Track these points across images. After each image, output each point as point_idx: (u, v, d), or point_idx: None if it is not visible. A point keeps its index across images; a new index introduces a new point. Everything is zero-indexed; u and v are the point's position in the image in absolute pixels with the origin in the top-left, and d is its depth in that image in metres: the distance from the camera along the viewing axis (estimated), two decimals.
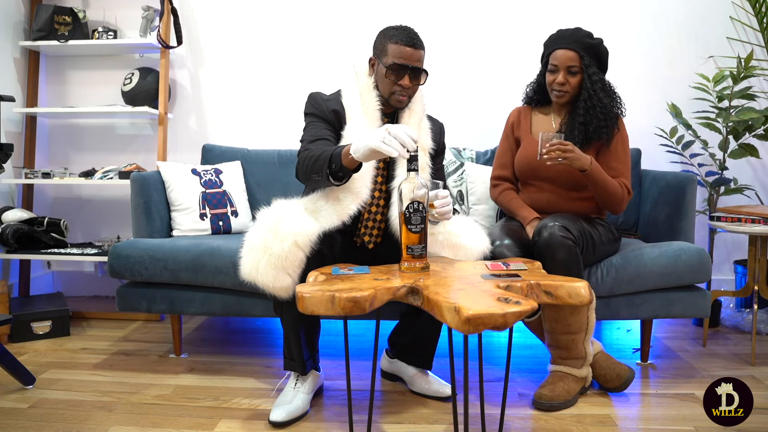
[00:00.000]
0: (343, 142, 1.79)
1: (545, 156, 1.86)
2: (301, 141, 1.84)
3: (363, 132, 1.74)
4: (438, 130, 1.98)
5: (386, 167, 1.88)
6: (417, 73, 1.80)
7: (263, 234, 1.66)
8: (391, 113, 1.90)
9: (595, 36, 2.04)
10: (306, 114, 1.88)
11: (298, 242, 1.63)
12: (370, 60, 1.87)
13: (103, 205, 3.14)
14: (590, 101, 1.99)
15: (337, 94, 1.89)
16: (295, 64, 3.00)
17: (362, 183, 1.76)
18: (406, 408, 1.87)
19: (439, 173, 1.98)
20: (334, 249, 1.73)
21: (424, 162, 1.87)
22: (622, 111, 2.07)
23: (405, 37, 1.78)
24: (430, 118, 1.97)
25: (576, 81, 2.00)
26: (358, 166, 1.64)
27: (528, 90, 2.20)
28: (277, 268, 1.62)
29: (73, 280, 3.17)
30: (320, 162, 1.65)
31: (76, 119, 3.12)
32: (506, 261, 1.63)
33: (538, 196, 2.09)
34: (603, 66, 2.06)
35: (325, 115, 1.84)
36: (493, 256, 1.87)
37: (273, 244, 1.63)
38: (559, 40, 2.02)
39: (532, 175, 2.10)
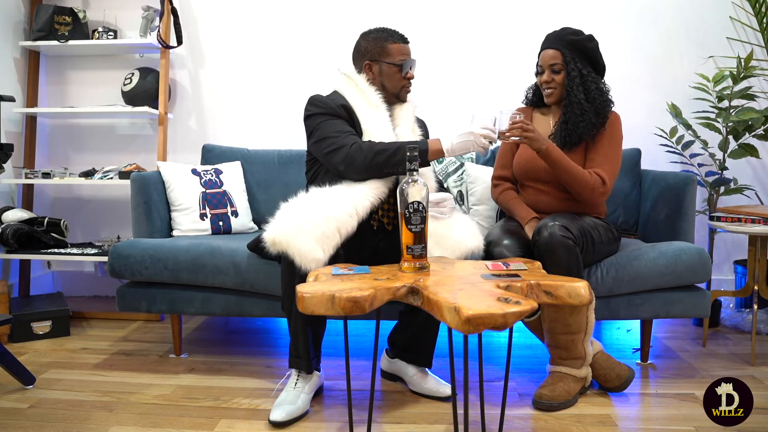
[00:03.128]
0: (365, 136, 1.88)
1: (508, 133, 1.85)
2: (323, 138, 1.84)
3: (379, 124, 1.88)
4: (422, 126, 2.10)
5: None
6: (413, 64, 1.99)
7: (307, 210, 1.71)
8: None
9: (586, 33, 2.04)
10: (312, 115, 1.90)
11: (339, 229, 1.70)
12: (367, 64, 1.95)
13: (103, 205, 3.14)
14: (568, 99, 2.01)
15: (336, 94, 1.95)
16: (295, 64, 3.00)
17: None
18: (406, 408, 1.87)
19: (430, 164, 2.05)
20: (346, 249, 1.77)
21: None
22: (607, 108, 2.03)
23: (398, 36, 1.96)
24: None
25: (560, 78, 2.03)
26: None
27: (528, 93, 2.24)
28: (317, 241, 1.66)
29: (73, 280, 3.17)
30: (400, 156, 1.77)
31: (76, 119, 3.12)
32: (506, 261, 1.63)
33: (537, 197, 2.09)
34: (594, 61, 2.05)
35: (334, 111, 1.89)
36: (492, 256, 1.87)
37: (318, 221, 1.68)
38: (545, 42, 2.07)
39: (530, 177, 2.10)
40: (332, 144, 1.82)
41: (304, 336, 1.79)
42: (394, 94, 1.96)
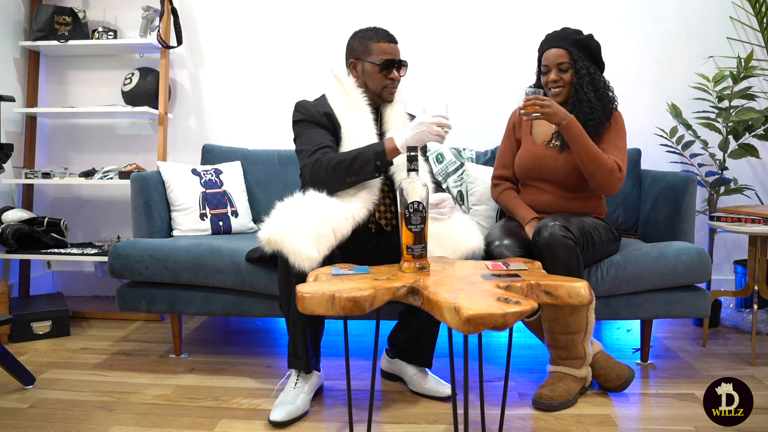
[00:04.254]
0: (345, 141, 1.88)
1: (522, 111, 1.86)
2: (300, 150, 1.90)
3: (361, 128, 1.88)
4: None
5: None
6: (402, 65, 1.93)
7: (303, 210, 1.71)
8: (375, 108, 1.98)
9: (586, 33, 2.06)
10: (297, 122, 1.95)
11: (335, 230, 1.70)
12: (351, 63, 1.96)
13: (103, 205, 3.14)
14: (576, 96, 2.01)
15: (323, 99, 1.97)
16: (295, 64, 3.00)
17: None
18: (406, 408, 1.87)
19: (426, 164, 2.06)
20: (341, 246, 1.78)
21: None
22: (612, 105, 2.06)
23: (385, 35, 1.94)
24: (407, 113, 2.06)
25: (568, 77, 2.03)
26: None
27: (528, 93, 2.22)
28: (312, 240, 1.66)
29: (73, 280, 3.17)
30: (358, 164, 1.77)
31: (76, 119, 3.12)
32: (506, 261, 1.63)
33: (538, 196, 2.09)
34: (597, 60, 2.07)
35: (316, 119, 1.91)
36: (492, 256, 1.87)
37: (314, 221, 1.68)
38: (548, 42, 2.07)
39: (532, 176, 2.10)
40: (303, 158, 1.86)
41: (302, 336, 1.79)
42: (377, 94, 1.95)
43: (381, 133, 1.96)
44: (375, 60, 1.91)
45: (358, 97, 1.92)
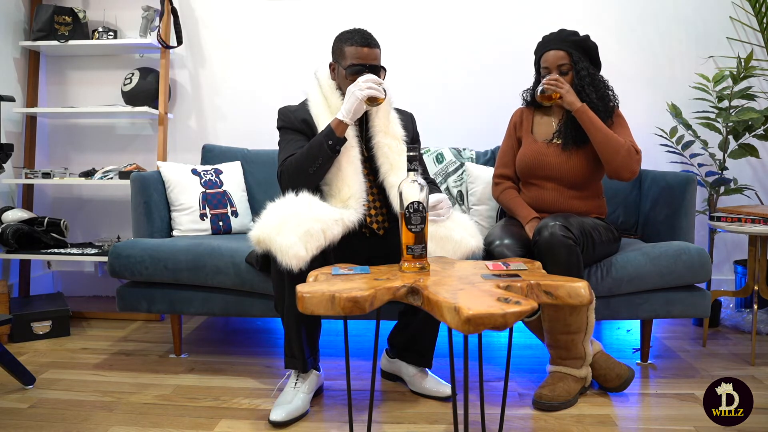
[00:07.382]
0: None
1: (545, 83, 1.96)
2: (278, 159, 1.93)
3: None
4: (408, 119, 2.07)
5: (368, 159, 1.96)
6: (375, 71, 1.89)
7: (296, 208, 1.72)
8: None
9: (583, 33, 2.08)
10: (279, 128, 1.98)
11: (325, 231, 1.70)
12: (331, 65, 1.97)
13: (103, 205, 3.14)
14: (579, 98, 2.02)
15: (304, 103, 1.98)
16: (295, 64, 2.99)
17: (355, 179, 1.85)
18: (406, 408, 1.87)
19: (419, 163, 2.06)
20: (336, 252, 1.79)
21: (400, 148, 1.93)
22: (612, 104, 2.09)
23: (359, 38, 1.89)
24: (398, 110, 2.05)
25: (569, 78, 2.04)
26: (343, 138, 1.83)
27: (525, 95, 2.24)
28: (300, 239, 1.66)
29: (73, 280, 3.17)
30: (313, 151, 1.80)
31: (76, 119, 3.12)
32: (506, 261, 1.63)
33: (540, 194, 2.10)
34: (595, 60, 2.10)
35: (295, 126, 1.94)
36: (493, 255, 1.87)
37: (305, 220, 1.68)
38: (546, 44, 2.08)
39: (533, 174, 2.10)
40: (278, 167, 1.89)
41: (297, 335, 1.79)
42: None
43: (368, 137, 1.94)
44: (345, 64, 1.89)
45: (337, 100, 1.91)
